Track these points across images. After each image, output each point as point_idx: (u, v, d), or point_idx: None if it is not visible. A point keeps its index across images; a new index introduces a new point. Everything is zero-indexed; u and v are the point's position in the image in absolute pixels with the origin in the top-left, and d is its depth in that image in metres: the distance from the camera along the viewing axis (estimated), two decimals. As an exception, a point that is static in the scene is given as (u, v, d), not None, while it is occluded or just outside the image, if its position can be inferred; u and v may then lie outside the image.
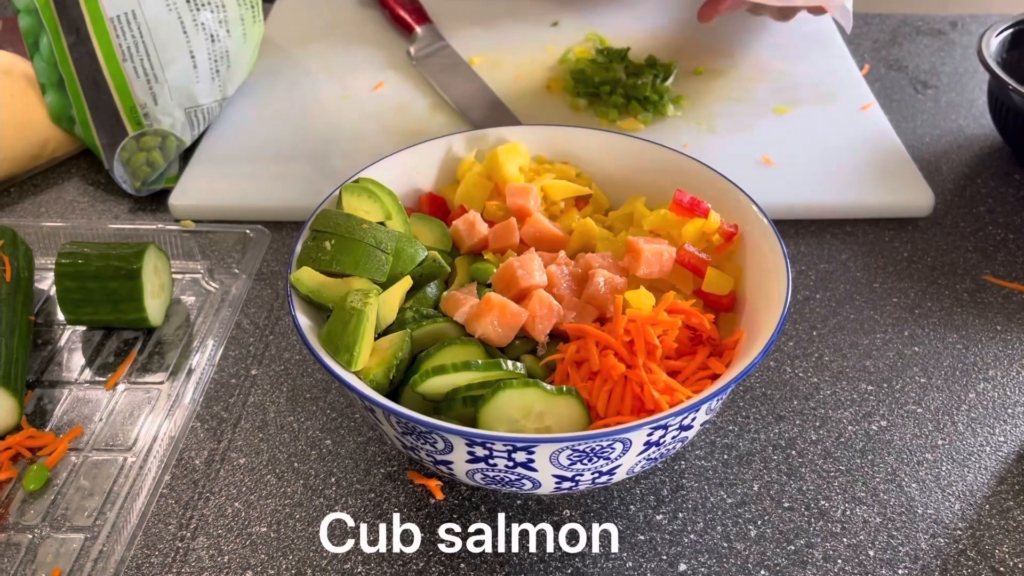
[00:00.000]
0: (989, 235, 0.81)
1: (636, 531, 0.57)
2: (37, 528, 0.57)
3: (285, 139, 0.91)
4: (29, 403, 0.65)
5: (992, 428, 0.64)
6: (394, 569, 0.56)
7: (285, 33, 1.08)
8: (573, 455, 0.49)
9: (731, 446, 0.63)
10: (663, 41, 1.05)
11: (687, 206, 0.61)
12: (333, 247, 0.56)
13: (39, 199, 0.86)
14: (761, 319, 0.56)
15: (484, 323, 0.55)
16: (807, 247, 0.79)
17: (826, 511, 0.58)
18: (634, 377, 0.52)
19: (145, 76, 0.84)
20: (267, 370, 0.69)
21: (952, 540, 0.57)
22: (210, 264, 0.77)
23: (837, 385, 0.67)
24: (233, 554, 0.56)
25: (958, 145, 0.92)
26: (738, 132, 0.90)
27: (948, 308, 0.73)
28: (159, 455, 0.60)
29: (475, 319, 0.55)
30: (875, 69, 1.05)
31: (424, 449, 0.52)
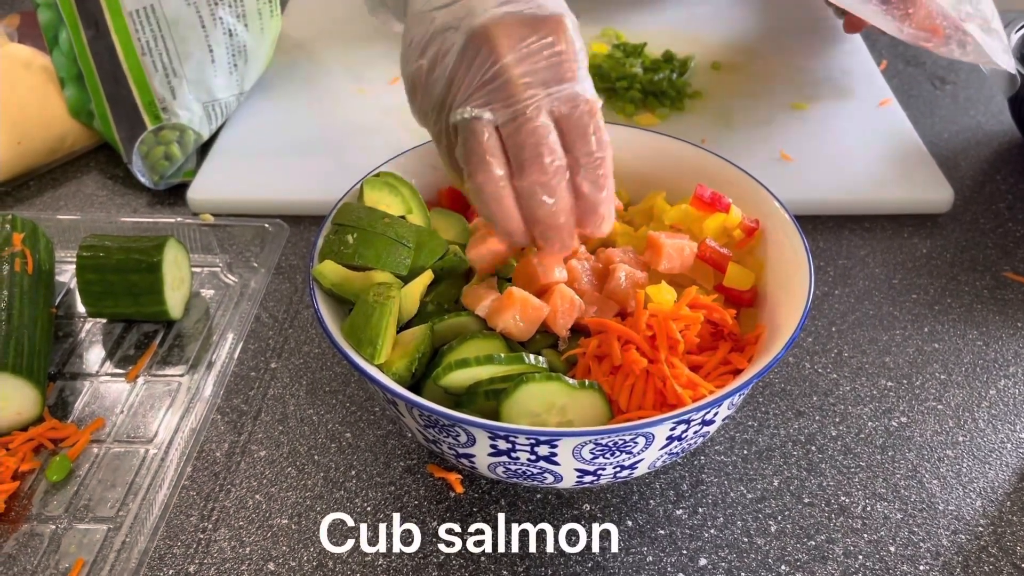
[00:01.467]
0: (1009, 231, 0.80)
1: (656, 526, 0.57)
2: (60, 519, 0.58)
3: (302, 133, 0.91)
4: (51, 395, 0.66)
5: (1013, 424, 0.63)
6: (414, 562, 0.56)
7: (302, 27, 1.08)
8: (596, 449, 0.49)
9: (751, 441, 0.62)
10: (679, 36, 1.04)
11: (708, 201, 0.61)
12: (355, 241, 0.56)
13: (58, 192, 0.87)
14: (783, 314, 0.56)
15: (506, 317, 0.55)
16: (825, 243, 0.79)
17: (846, 507, 0.58)
18: (656, 372, 0.52)
19: (164, 70, 0.84)
20: (286, 363, 0.69)
21: (973, 536, 0.57)
22: (229, 258, 0.77)
23: (856, 381, 0.67)
24: (255, 546, 0.57)
25: (977, 141, 0.92)
26: (756, 127, 0.90)
27: (968, 304, 0.73)
28: (180, 447, 0.60)
29: (497, 313, 0.55)
30: (893, 65, 1.04)
31: (446, 442, 0.52)
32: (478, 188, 0.53)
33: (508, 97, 0.51)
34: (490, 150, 0.52)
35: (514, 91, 0.51)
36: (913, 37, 0.78)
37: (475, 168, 0.52)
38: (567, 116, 0.52)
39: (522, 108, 0.51)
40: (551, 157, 0.51)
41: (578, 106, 0.51)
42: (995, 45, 0.80)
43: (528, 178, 0.51)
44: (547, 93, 0.51)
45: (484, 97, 0.52)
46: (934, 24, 0.77)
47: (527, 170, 0.51)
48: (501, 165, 0.52)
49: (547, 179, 0.51)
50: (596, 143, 0.52)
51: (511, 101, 0.51)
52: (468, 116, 0.52)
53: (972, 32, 0.78)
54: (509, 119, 0.51)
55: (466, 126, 0.52)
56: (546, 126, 0.51)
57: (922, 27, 0.77)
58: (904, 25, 0.77)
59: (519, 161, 0.52)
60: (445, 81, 0.54)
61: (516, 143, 0.51)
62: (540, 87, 0.51)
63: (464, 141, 0.53)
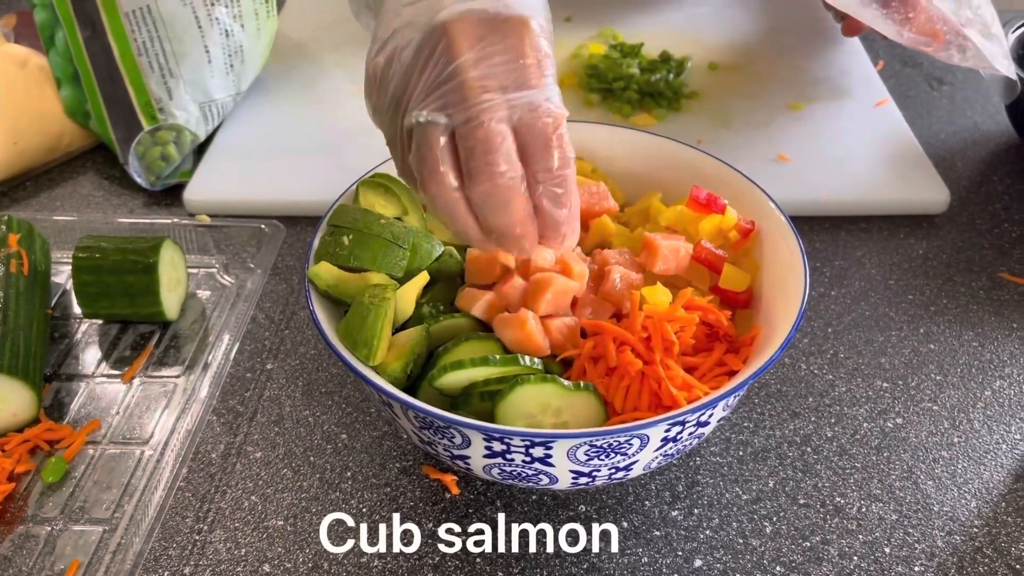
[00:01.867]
0: (1005, 232, 0.80)
1: (652, 527, 0.58)
2: (56, 520, 0.58)
3: (299, 134, 0.91)
4: (47, 396, 0.66)
5: (1008, 426, 0.63)
6: (410, 563, 0.56)
7: (299, 28, 1.08)
8: (591, 451, 0.49)
9: (746, 443, 0.63)
10: (676, 36, 1.04)
11: (704, 202, 0.61)
12: (351, 242, 0.56)
13: (54, 193, 0.87)
14: (778, 316, 0.56)
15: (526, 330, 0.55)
16: (822, 244, 0.79)
17: (842, 508, 0.58)
18: (651, 373, 0.52)
19: (160, 71, 0.84)
20: (282, 364, 0.69)
21: (968, 537, 0.57)
22: (225, 259, 0.77)
23: (852, 382, 0.67)
24: (250, 547, 0.57)
25: (973, 142, 0.92)
26: (752, 128, 0.90)
27: (964, 305, 0.73)
28: (176, 449, 0.60)
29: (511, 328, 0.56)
30: (890, 65, 1.04)
31: (442, 444, 0.52)
32: (431, 198, 0.51)
33: (463, 100, 0.48)
34: (442, 157, 0.49)
35: (469, 93, 0.48)
36: (913, 42, 0.78)
37: (427, 176, 0.50)
38: (528, 126, 0.49)
39: (476, 112, 0.48)
40: (505, 166, 0.48)
41: (540, 117, 0.48)
42: (995, 50, 0.80)
43: (478, 187, 0.49)
44: (505, 99, 0.48)
45: (439, 99, 0.49)
46: (934, 29, 0.77)
47: (476, 178, 0.49)
48: (454, 173, 0.50)
49: (497, 189, 0.49)
50: (558, 159, 0.49)
51: (465, 104, 0.48)
52: (423, 120, 0.49)
53: (972, 37, 0.79)
54: (462, 123, 0.48)
55: (420, 131, 0.50)
56: (500, 133, 0.48)
57: (922, 32, 0.77)
58: (904, 29, 0.77)
59: (469, 168, 0.49)
60: (401, 78, 0.51)
61: (467, 148, 0.49)
62: (498, 92, 0.48)
63: (417, 147, 0.50)
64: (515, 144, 0.49)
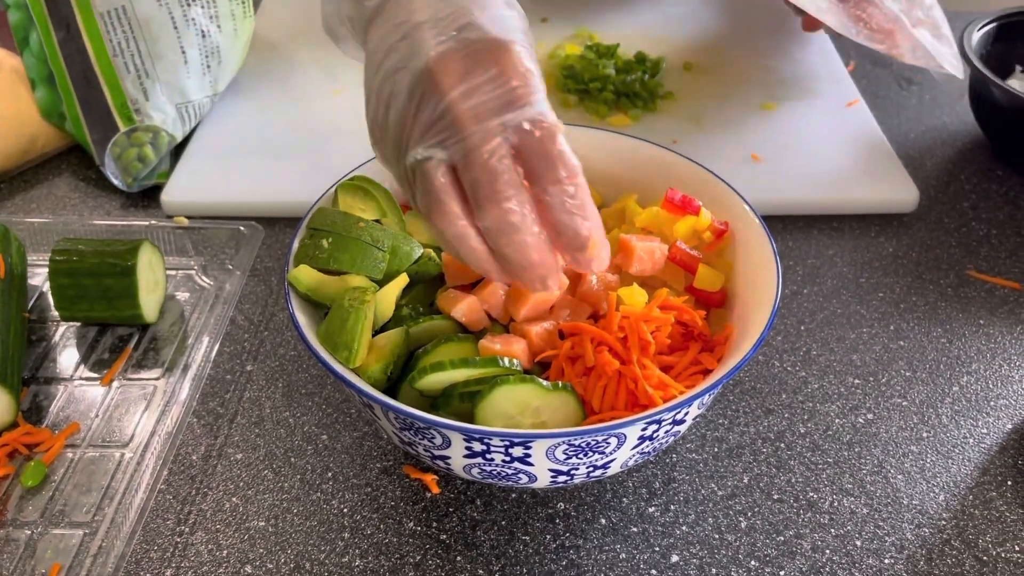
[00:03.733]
0: (972, 230, 0.82)
1: (629, 523, 0.59)
2: (36, 524, 0.58)
3: (277, 134, 0.91)
4: (25, 400, 0.66)
5: (975, 420, 0.65)
6: (391, 563, 0.56)
7: (276, 28, 1.08)
8: (569, 450, 0.50)
9: (721, 439, 0.64)
10: (652, 37, 1.05)
11: (679, 204, 0.62)
12: (330, 245, 0.57)
13: (29, 195, 0.86)
14: (752, 315, 0.57)
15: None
16: (795, 242, 0.80)
17: (814, 503, 0.60)
18: (628, 373, 0.53)
19: (136, 72, 0.84)
20: (262, 366, 0.69)
21: (937, 530, 0.58)
22: (204, 260, 0.77)
23: (825, 379, 0.68)
24: (232, 548, 0.57)
25: (942, 141, 0.94)
26: (726, 128, 0.91)
27: (932, 303, 0.75)
28: (156, 451, 0.61)
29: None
30: (861, 66, 1.06)
31: (422, 444, 0.53)
32: (439, 232, 0.51)
33: (458, 132, 0.48)
34: (444, 189, 0.49)
35: (464, 124, 0.48)
36: (867, 38, 0.80)
37: (432, 211, 0.50)
38: (525, 143, 0.48)
39: (473, 142, 0.48)
40: (511, 191, 0.48)
41: (534, 132, 0.48)
42: (944, 51, 0.83)
43: (488, 216, 0.48)
44: (500, 122, 0.48)
45: (436, 135, 0.49)
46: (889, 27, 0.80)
47: (485, 209, 0.48)
48: (459, 205, 0.49)
49: (508, 216, 0.48)
50: (564, 168, 0.49)
51: (461, 136, 0.48)
52: (420, 157, 0.50)
53: (923, 38, 0.81)
54: (461, 156, 0.48)
55: (420, 167, 0.50)
56: (501, 157, 0.48)
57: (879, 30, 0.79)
58: (858, 27, 0.79)
59: (476, 200, 0.49)
60: (398, 123, 0.52)
61: (471, 180, 0.49)
62: (491, 117, 0.48)
63: (419, 183, 0.50)
64: (519, 168, 0.49)
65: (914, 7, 0.83)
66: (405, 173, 0.52)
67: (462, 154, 0.49)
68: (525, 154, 0.49)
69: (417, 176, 0.51)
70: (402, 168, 0.53)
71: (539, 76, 0.50)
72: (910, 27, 0.81)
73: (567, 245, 0.50)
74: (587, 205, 0.50)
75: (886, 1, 0.80)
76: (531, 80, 0.49)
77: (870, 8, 0.79)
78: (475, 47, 0.49)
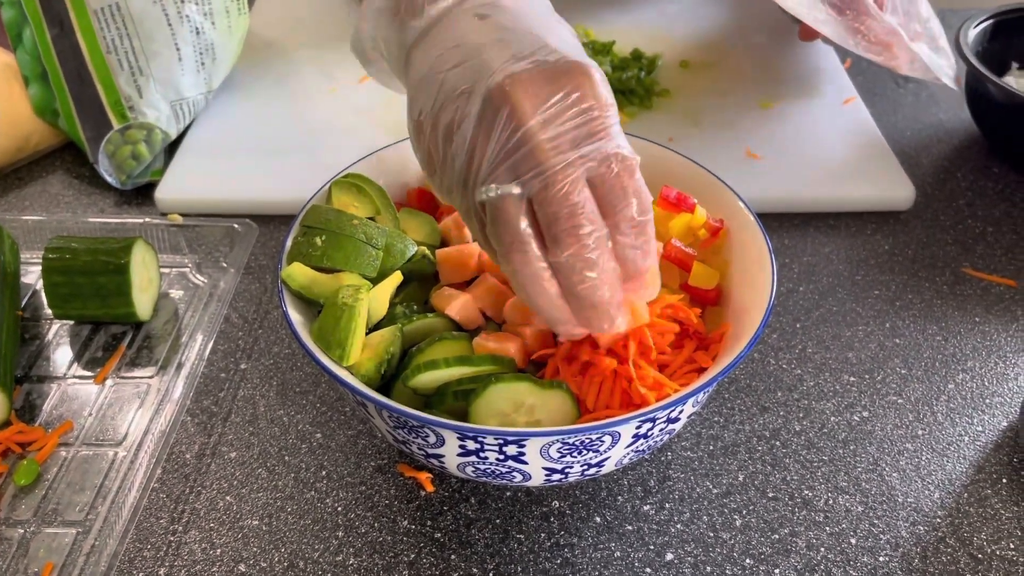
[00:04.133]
0: (968, 228, 0.82)
1: (624, 521, 0.58)
2: (28, 523, 0.57)
3: (272, 132, 0.91)
4: (18, 398, 0.65)
5: (971, 418, 0.65)
6: (385, 561, 0.56)
7: (271, 25, 1.08)
8: (563, 448, 0.50)
9: (716, 437, 0.64)
10: (648, 34, 1.05)
11: (674, 201, 0.62)
12: (324, 243, 0.57)
13: (23, 192, 0.86)
14: (747, 313, 0.57)
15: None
16: (791, 240, 0.80)
17: (809, 500, 0.60)
18: (623, 372, 0.53)
19: (130, 69, 0.84)
20: (256, 364, 0.69)
21: (931, 528, 0.58)
22: (198, 258, 0.77)
23: (820, 377, 0.68)
24: (225, 547, 0.57)
25: (938, 139, 0.94)
26: (723, 126, 0.91)
27: (928, 300, 0.75)
28: (149, 449, 0.60)
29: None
30: (857, 63, 1.06)
31: (416, 443, 0.53)
32: (513, 271, 0.48)
33: (536, 165, 0.46)
34: (522, 228, 0.47)
35: (542, 158, 0.46)
36: (865, 50, 0.80)
37: (508, 249, 0.48)
38: (603, 177, 0.47)
39: (552, 176, 0.46)
40: (590, 227, 0.46)
41: (613, 165, 0.47)
42: (941, 63, 0.85)
43: (564, 252, 0.47)
44: (579, 155, 0.46)
45: (510, 169, 0.46)
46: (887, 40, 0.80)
47: (563, 243, 0.46)
48: (536, 243, 0.48)
49: (586, 251, 0.47)
50: (638, 206, 0.48)
51: (540, 169, 0.46)
52: (495, 195, 0.47)
53: (920, 51, 0.82)
54: (539, 189, 0.46)
55: (495, 204, 0.47)
56: (581, 192, 0.46)
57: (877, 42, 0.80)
58: (857, 39, 0.79)
59: (553, 234, 0.47)
60: (465, 155, 0.48)
61: (549, 215, 0.46)
62: (570, 150, 0.46)
63: (493, 220, 0.48)
64: (594, 200, 0.47)
65: (912, 20, 0.84)
66: (472, 207, 0.50)
67: (541, 187, 0.46)
68: (601, 188, 0.47)
69: (490, 212, 0.48)
70: (468, 202, 0.50)
71: (615, 106, 0.48)
72: (908, 40, 0.81)
73: (625, 277, 0.50)
74: (652, 242, 0.49)
75: (884, 15, 0.80)
76: (610, 111, 0.47)
77: (868, 21, 0.79)
78: (556, 68, 0.47)
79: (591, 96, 0.47)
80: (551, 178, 0.46)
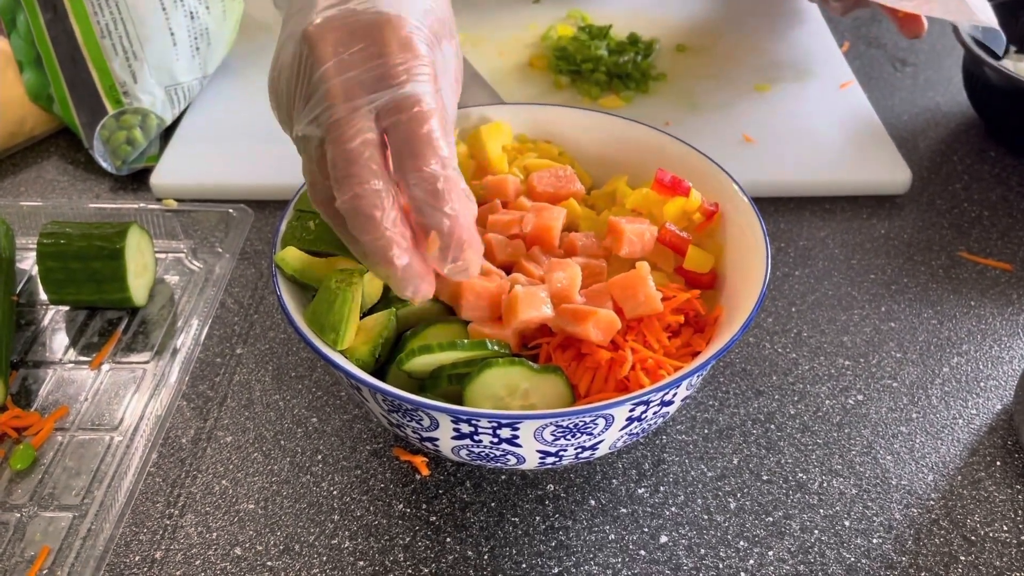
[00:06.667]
0: (964, 212, 0.82)
1: (618, 504, 0.59)
2: (25, 507, 0.58)
3: (266, 117, 0.89)
4: (13, 383, 0.65)
5: (965, 401, 0.65)
6: (381, 544, 0.56)
7: (266, 9, 1.07)
8: (557, 431, 0.50)
9: (711, 421, 0.64)
10: (644, 18, 1.05)
11: (669, 185, 0.62)
12: (317, 227, 0.56)
13: (18, 178, 0.86)
14: (741, 296, 0.57)
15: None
16: (787, 224, 0.80)
17: (803, 483, 0.60)
18: (619, 359, 0.53)
19: (124, 54, 0.83)
20: (252, 349, 0.69)
21: (925, 510, 0.58)
22: (193, 243, 0.77)
23: (815, 360, 0.68)
24: (221, 531, 0.57)
25: (935, 123, 0.93)
26: (719, 109, 0.91)
27: (924, 284, 0.75)
28: (145, 434, 0.60)
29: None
30: (855, 47, 1.05)
31: (410, 426, 0.53)
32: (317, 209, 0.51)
33: (326, 109, 0.46)
34: (317, 172, 0.48)
35: (331, 100, 0.46)
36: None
37: (309, 191, 0.50)
38: (393, 126, 0.46)
39: (337, 120, 0.46)
40: (365, 176, 0.45)
41: (402, 114, 0.45)
42: (977, 2, 0.81)
43: (340, 198, 0.46)
44: (367, 101, 0.46)
45: (310, 111, 0.47)
46: None
47: (340, 189, 0.46)
48: (326, 188, 0.48)
49: (359, 201, 0.45)
50: (430, 158, 0.45)
51: (329, 113, 0.46)
52: (300, 135, 0.48)
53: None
54: (327, 133, 0.47)
55: (299, 145, 0.49)
56: (361, 141, 0.45)
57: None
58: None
59: (334, 179, 0.46)
60: (286, 94, 0.50)
61: (331, 159, 0.46)
62: (361, 95, 0.46)
63: (303, 161, 0.50)
64: (385, 152, 0.46)
65: None
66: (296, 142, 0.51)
67: (327, 133, 0.47)
68: (392, 138, 0.46)
69: (300, 152, 0.50)
70: (294, 136, 0.51)
71: (427, 59, 0.47)
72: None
73: (429, 243, 0.47)
74: (454, 198, 0.46)
75: None
76: (412, 62, 0.46)
77: None
78: (357, 18, 0.47)
79: (391, 45, 0.46)
80: (335, 123, 0.46)
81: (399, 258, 0.47)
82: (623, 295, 0.55)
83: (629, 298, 0.55)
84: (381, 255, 0.47)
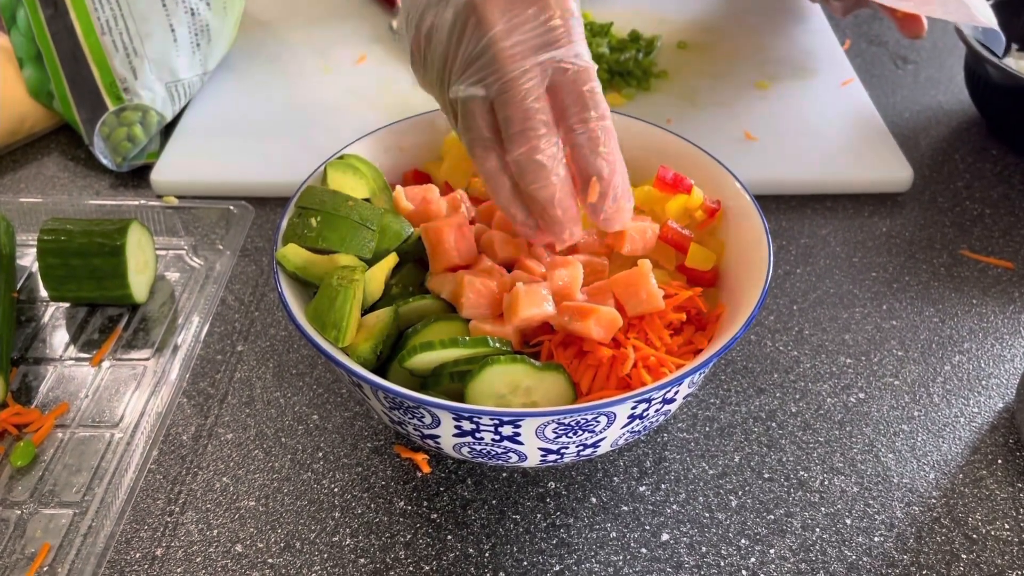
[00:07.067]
0: (966, 210, 0.82)
1: (620, 502, 0.59)
2: (25, 504, 0.58)
3: (267, 114, 0.90)
4: (14, 380, 0.65)
5: (967, 399, 0.65)
6: (382, 542, 0.56)
7: (266, 6, 1.07)
8: (558, 428, 0.50)
9: (713, 419, 0.64)
10: (646, 16, 1.05)
11: (670, 182, 0.62)
12: (319, 224, 0.56)
13: (18, 175, 0.86)
14: (743, 294, 0.56)
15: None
16: (788, 222, 0.80)
17: (805, 481, 0.60)
18: (620, 356, 0.53)
19: (124, 50, 0.83)
20: (253, 346, 0.69)
21: (926, 508, 0.58)
22: (194, 240, 0.76)
23: (817, 358, 0.68)
24: (222, 528, 0.57)
25: (937, 120, 0.93)
26: (720, 107, 0.90)
27: (925, 282, 0.75)
28: (146, 431, 0.60)
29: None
30: (856, 44, 1.05)
31: (411, 424, 0.53)
32: (478, 168, 0.54)
33: (497, 70, 0.50)
34: (483, 129, 0.52)
35: (503, 63, 0.50)
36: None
37: (471, 145, 0.53)
38: (559, 83, 0.51)
39: (510, 80, 0.50)
40: (541, 130, 0.51)
41: (568, 70, 0.51)
42: (977, 3, 0.80)
43: (515, 151, 0.51)
44: (536, 61, 0.50)
45: (476, 73, 0.51)
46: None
47: (515, 143, 0.51)
48: (495, 145, 0.52)
49: (535, 152, 0.51)
50: (594, 109, 0.51)
51: (500, 75, 0.50)
52: (462, 95, 0.52)
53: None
54: (498, 93, 0.51)
55: (462, 104, 0.53)
56: (534, 97, 0.50)
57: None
58: None
59: (508, 135, 0.51)
60: (440, 57, 0.54)
61: (504, 117, 0.51)
62: (529, 56, 0.50)
63: (462, 118, 0.53)
64: (552, 108, 0.51)
65: None
66: (448, 103, 0.55)
67: (500, 91, 0.51)
68: (557, 93, 0.51)
69: (460, 112, 0.53)
70: (445, 99, 0.56)
71: (580, 19, 0.52)
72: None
73: (590, 189, 0.52)
74: (613, 150, 0.52)
75: None
76: (571, 20, 0.51)
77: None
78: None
79: (552, 7, 0.51)
80: (508, 83, 0.50)
81: (564, 202, 0.52)
82: (625, 293, 0.55)
83: (631, 296, 0.55)
84: (551, 200, 0.52)
